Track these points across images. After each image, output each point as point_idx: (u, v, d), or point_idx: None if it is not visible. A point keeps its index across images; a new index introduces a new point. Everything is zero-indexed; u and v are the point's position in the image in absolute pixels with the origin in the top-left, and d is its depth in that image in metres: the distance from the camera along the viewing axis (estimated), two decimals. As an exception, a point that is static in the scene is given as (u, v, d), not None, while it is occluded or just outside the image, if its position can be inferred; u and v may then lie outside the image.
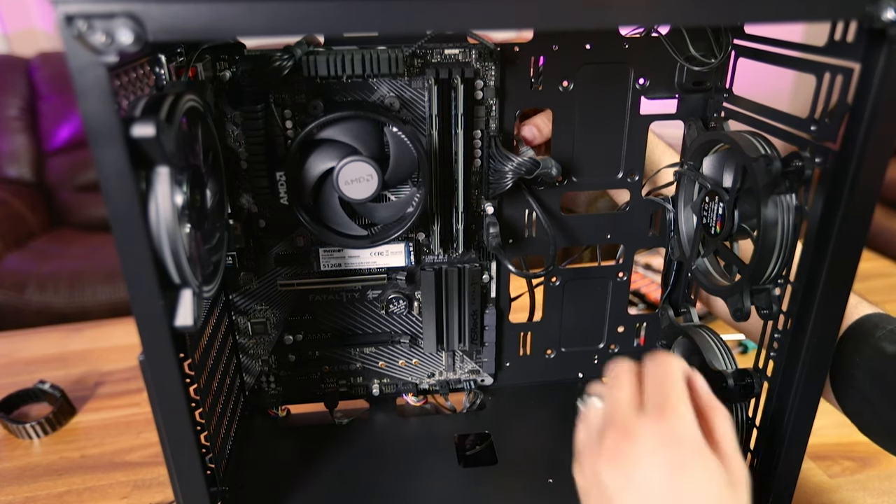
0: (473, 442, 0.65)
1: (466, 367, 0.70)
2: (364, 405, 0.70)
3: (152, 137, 0.34)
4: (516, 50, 0.55)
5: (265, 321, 0.64)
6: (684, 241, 0.58)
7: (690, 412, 0.37)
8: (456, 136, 0.55)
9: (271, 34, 0.33)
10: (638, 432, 0.36)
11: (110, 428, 0.81)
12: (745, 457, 0.53)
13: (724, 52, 0.54)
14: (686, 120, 0.58)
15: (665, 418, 0.36)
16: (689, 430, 0.36)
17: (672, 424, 0.36)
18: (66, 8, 0.30)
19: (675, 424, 0.36)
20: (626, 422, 0.37)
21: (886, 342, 0.48)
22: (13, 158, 2.16)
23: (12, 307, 1.73)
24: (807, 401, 0.46)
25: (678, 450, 0.35)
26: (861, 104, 0.38)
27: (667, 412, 0.37)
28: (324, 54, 0.52)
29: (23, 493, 0.71)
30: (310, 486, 0.58)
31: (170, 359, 0.39)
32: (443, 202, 0.58)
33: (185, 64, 0.50)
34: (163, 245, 0.37)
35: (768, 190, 0.43)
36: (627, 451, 0.36)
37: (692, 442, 0.36)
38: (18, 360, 0.97)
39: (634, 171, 0.61)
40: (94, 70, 0.31)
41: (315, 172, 0.54)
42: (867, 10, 0.35)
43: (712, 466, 0.35)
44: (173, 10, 0.31)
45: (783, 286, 0.47)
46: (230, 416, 0.61)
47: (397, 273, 0.64)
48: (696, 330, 0.59)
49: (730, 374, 0.52)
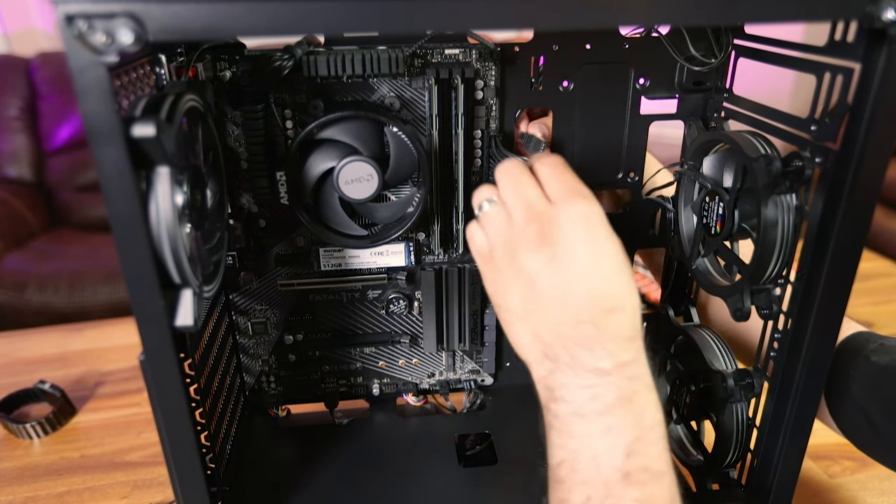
0: (473, 442, 0.65)
1: (466, 367, 0.70)
2: (364, 405, 0.70)
3: (152, 137, 0.34)
4: (516, 50, 0.55)
5: (265, 321, 0.64)
6: (684, 241, 0.58)
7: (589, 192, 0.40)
8: (456, 135, 0.55)
9: (271, 34, 0.33)
10: (558, 216, 0.39)
11: (110, 428, 0.82)
12: (745, 457, 0.53)
13: (724, 52, 0.54)
14: (686, 120, 0.58)
15: (577, 201, 0.39)
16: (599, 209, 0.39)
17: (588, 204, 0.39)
18: (67, 8, 0.30)
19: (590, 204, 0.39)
20: (544, 210, 0.40)
21: (878, 355, 0.48)
22: (13, 158, 2.16)
23: (12, 307, 1.73)
24: (807, 401, 0.46)
25: (596, 226, 0.39)
26: (861, 104, 0.38)
27: (578, 195, 0.39)
28: (324, 54, 0.52)
29: (23, 493, 0.71)
30: (310, 486, 0.58)
31: (170, 359, 0.39)
32: (443, 202, 0.58)
33: (185, 64, 0.50)
34: (163, 245, 0.37)
35: (768, 190, 0.43)
36: (549, 233, 0.39)
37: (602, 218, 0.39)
38: (18, 360, 0.97)
39: (634, 171, 0.61)
40: (94, 70, 0.31)
41: (315, 172, 0.54)
42: (867, 10, 0.35)
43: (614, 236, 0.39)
44: (174, 10, 0.31)
45: (783, 286, 0.47)
46: (230, 416, 0.61)
47: (397, 273, 0.64)
48: (696, 330, 0.59)
49: (730, 374, 0.52)
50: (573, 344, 0.38)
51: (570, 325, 0.38)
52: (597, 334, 0.38)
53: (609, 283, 0.38)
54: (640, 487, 0.36)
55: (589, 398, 0.38)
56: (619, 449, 0.37)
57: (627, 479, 0.36)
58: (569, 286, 0.38)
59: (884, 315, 1.03)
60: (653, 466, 0.37)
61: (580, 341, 0.38)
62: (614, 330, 0.38)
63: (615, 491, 0.36)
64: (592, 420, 0.37)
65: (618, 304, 0.38)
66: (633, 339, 0.38)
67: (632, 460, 0.36)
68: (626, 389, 0.38)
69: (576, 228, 0.38)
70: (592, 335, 0.38)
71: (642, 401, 0.38)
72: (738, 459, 0.54)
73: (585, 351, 0.38)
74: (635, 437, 0.37)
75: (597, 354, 0.38)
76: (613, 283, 0.38)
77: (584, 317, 0.38)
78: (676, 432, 0.62)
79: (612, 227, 0.39)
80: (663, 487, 0.37)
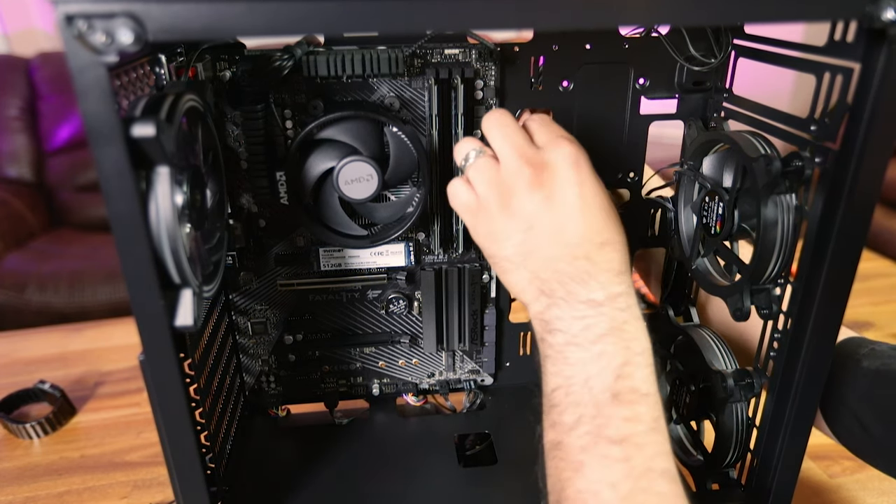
0: (473, 442, 0.65)
1: (466, 366, 0.70)
2: (364, 405, 0.70)
3: (152, 137, 0.34)
4: (516, 50, 0.55)
5: (265, 321, 0.64)
6: (684, 241, 0.58)
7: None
8: (456, 136, 0.55)
9: (271, 34, 0.33)
10: (548, 159, 0.41)
11: (110, 428, 0.82)
12: (745, 457, 0.53)
13: (724, 52, 0.54)
14: (686, 120, 0.58)
15: (566, 145, 0.41)
16: (584, 153, 0.42)
17: (574, 148, 0.41)
18: (67, 8, 0.30)
19: (577, 147, 0.41)
20: (534, 155, 0.42)
21: (869, 360, 0.49)
22: (13, 158, 2.16)
23: (12, 307, 1.73)
24: (807, 401, 0.46)
25: (583, 167, 0.41)
26: (861, 104, 0.38)
27: (564, 139, 0.42)
28: (324, 54, 0.52)
29: (23, 493, 0.71)
30: (310, 486, 0.58)
31: (170, 359, 0.39)
32: (443, 202, 0.58)
33: (185, 64, 0.50)
34: (163, 245, 0.37)
35: (768, 190, 0.43)
36: (542, 175, 0.41)
37: (587, 161, 0.42)
38: (18, 360, 0.97)
39: (634, 172, 0.61)
40: (94, 70, 0.31)
41: (315, 172, 0.54)
42: (867, 10, 0.35)
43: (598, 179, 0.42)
44: (173, 10, 0.31)
45: (783, 286, 0.47)
46: (230, 416, 0.61)
47: (397, 273, 0.64)
48: (696, 330, 0.59)
49: (730, 374, 0.52)
50: (569, 279, 0.41)
51: (567, 261, 0.41)
52: (591, 268, 0.40)
53: (599, 219, 0.41)
54: (628, 406, 0.39)
55: (583, 328, 0.40)
56: (610, 372, 0.39)
57: (616, 399, 0.39)
58: (565, 224, 0.41)
59: (884, 315, 1.03)
60: (640, 388, 0.39)
61: (575, 276, 0.41)
62: (606, 264, 0.40)
63: (605, 410, 0.39)
64: (586, 347, 0.40)
65: (608, 238, 0.41)
66: (623, 273, 0.41)
67: (620, 382, 0.39)
68: (618, 319, 0.40)
69: (567, 169, 0.41)
70: (587, 269, 0.40)
71: (632, 328, 0.40)
72: (738, 459, 0.54)
73: (580, 285, 0.40)
74: (624, 360, 0.39)
75: (590, 287, 0.40)
76: (603, 219, 0.41)
77: (580, 252, 0.40)
78: (676, 432, 0.62)
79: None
80: (649, 406, 0.39)
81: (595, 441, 0.38)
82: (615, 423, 0.38)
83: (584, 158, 0.42)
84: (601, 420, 0.38)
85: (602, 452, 0.38)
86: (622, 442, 0.38)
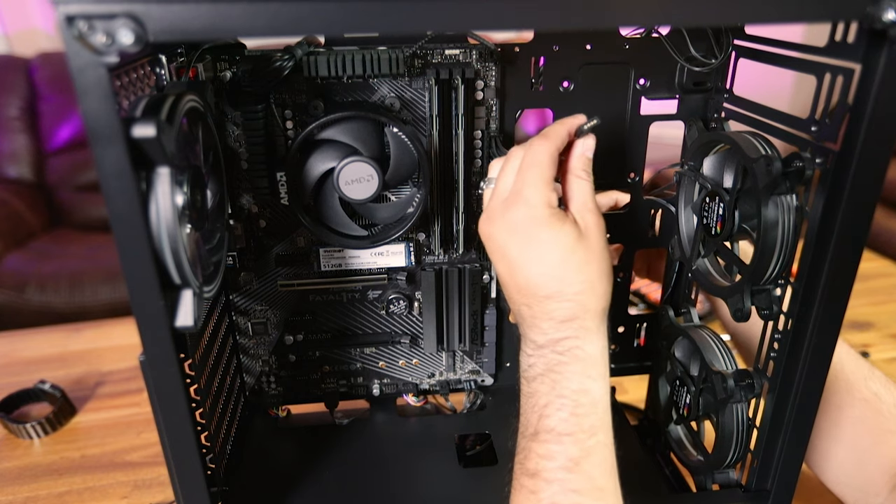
0: (473, 442, 0.65)
1: (467, 367, 0.70)
2: (364, 405, 0.70)
3: (153, 138, 0.34)
4: (517, 50, 0.55)
5: (265, 321, 0.64)
6: (685, 241, 0.58)
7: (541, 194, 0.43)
8: (456, 136, 0.55)
9: (272, 35, 0.33)
10: (497, 219, 0.45)
11: (110, 428, 0.82)
12: (745, 457, 0.53)
13: (724, 53, 0.54)
14: (686, 120, 0.58)
15: (518, 206, 0.43)
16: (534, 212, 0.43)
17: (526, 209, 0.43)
18: (67, 8, 0.30)
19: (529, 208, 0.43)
20: (493, 208, 0.45)
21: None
22: (13, 158, 2.16)
23: (12, 307, 1.73)
24: (807, 401, 0.46)
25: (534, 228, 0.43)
26: (861, 105, 0.38)
27: (517, 200, 0.43)
28: (324, 55, 0.52)
29: (23, 493, 0.71)
30: (310, 486, 0.58)
31: (170, 359, 0.39)
32: (443, 202, 0.58)
33: (185, 64, 0.50)
34: (163, 245, 0.37)
35: (768, 190, 0.43)
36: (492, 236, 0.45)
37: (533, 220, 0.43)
38: (18, 360, 0.97)
39: (635, 172, 0.61)
40: (94, 70, 0.31)
41: (315, 173, 0.54)
42: (868, 10, 0.35)
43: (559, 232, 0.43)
44: (174, 10, 0.31)
45: (783, 286, 0.47)
46: (230, 416, 0.61)
47: (397, 273, 0.64)
48: (696, 330, 0.59)
49: (730, 374, 0.52)
50: (521, 319, 0.45)
51: (515, 305, 0.45)
52: (532, 314, 0.44)
53: (543, 276, 0.43)
54: (543, 444, 0.42)
55: (527, 366, 0.45)
56: (536, 411, 0.44)
57: (535, 436, 0.43)
58: (508, 275, 0.45)
59: (884, 315, 1.03)
60: (556, 428, 0.42)
61: (523, 319, 0.45)
62: (548, 313, 0.43)
63: (527, 444, 0.44)
64: (528, 382, 0.45)
65: (551, 293, 0.43)
66: (567, 320, 0.43)
67: (542, 421, 0.43)
68: (553, 361, 0.43)
69: (506, 234, 0.44)
70: (529, 314, 0.44)
71: (567, 371, 0.43)
72: (738, 460, 0.54)
73: (527, 327, 0.45)
74: (547, 402, 0.43)
75: (534, 331, 0.44)
76: (548, 276, 0.43)
77: (521, 301, 0.44)
78: (676, 433, 0.62)
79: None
80: (563, 446, 0.42)
81: (520, 471, 0.44)
82: (533, 457, 0.43)
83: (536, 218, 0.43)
84: (525, 453, 0.44)
85: (521, 482, 0.43)
86: (534, 476, 0.42)
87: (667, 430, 0.63)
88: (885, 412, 0.53)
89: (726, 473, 0.55)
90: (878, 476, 0.52)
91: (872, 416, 0.53)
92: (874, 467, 0.52)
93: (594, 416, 0.43)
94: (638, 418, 0.73)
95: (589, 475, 0.42)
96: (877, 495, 0.52)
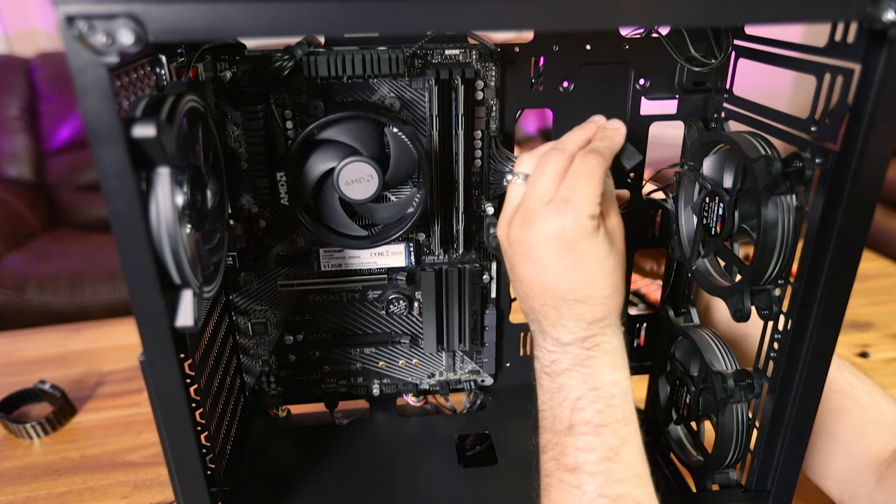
0: (473, 442, 0.65)
1: (467, 367, 0.70)
2: (364, 405, 0.70)
3: (153, 138, 0.34)
4: (517, 50, 0.55)
5: (265, 321, 0.64)
6: (684, 241, 0.58)
7: (590, 206, 0.42)
8: (456, 136, 0.55)
9: (272, 35, 0.33)
10: (537, 222, 0.43)
11: (110, 428, 0.82)
12: (746, 457, 0.53)
13: (724, 53, 0.54)
14: (686, 120, 0.58)
15: (566, 214, 0.42)
16: (583, 223, 0.42)
17: (573, 219, 0.42)
18: (67, 8, 0.30)
19: (576, 219, 0.42)
20: (532, 210, 0.44)
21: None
22: (13, 158, 2.16)
23: (12, 307, 1.73)
24: (807, 401, 0.46)
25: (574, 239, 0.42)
26: (861, 105, 0.38)
27: (565, 209, 0.42)
28: (324, 55, 0.52)
29: (23, 493, 0.71)
30: (310, 486, 0.58)
31: (170, 359, 0.39)
32: (443, 202, 0.58)
33: (185, 64, 0.50)
34: (163, 245, 0.37)
35: (768, 190, 0.43)
36: (525, 237, 0.44)
37: (581, 231, 0.42)
38: (18, 360, 0.97)
39: (634, 172, 0.61)
40: (94, 70, 0.31)
41: (315, 173, 0.54)
42: (867, 11, 0.35)
43: (599, 242, 0.43)
44: (174, 10, 0.31)
45: (783, 286, 0.47)
46: (230, 416, 0.61)
47: (397, 273, 0.64)
48: (696, 330, 0.59)
49: (730, 374, 0.52)
50: (542, 318, 0.45)
51: (539, 305, 0.45)
52: (558, 315, 0.44)
53: (577, 282, 0.43)
54: (581, 437, 0.43)
55: (551, 361, 0.45)
56: (567, 405, 0.43)
57: (571, 430, 0.43)
58: (535, 278, 0.44)
59: (884, 315, 1.03)
60: (593, 420, 0.43)
61: (546, 318, 0.45)
62: (576, 315, 0.44)
63: (561, 440, 0.43)
64: (553, 378, 0.44)
65: (582, 298, 0.43)
66: (596, 321, 0.44)
67: (576, 414, 0.43)
68: (580, 356, 0.44)
69: (546, 241, 0.43)
70: (555, 315, 0.44)
71: (595, 364, 0.44)
72: (738, 460, 0.54)
73: (548, 325, 0.45)
74: (580, 395, 0.43)
75: (558, 330, 0.44)
76: (582, 283, 0.43)
77: (549, 302, 0.44)
78: (676, 433, 0.62)
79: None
80: (603, 437, 0.42)
81: (556, 467, 0.43)
82: (570, 451, 0.43)
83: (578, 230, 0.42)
84: (560, 448, 0.43)
85: (560, 478, 0.43)
86: (575, 470, 0.42)
87: (667, 430, 0.63)
88: (865, 402, 0.54)
89: (726, 473, 0.55)
90: (864, 467, 0.52)
91: (853, 407, 0.54)
92: (859, 459, 0.53)
93: (626, 405, 0.44)
94: (638, 418, 0.73)
95: (628, 462, 0.42)
96: (863, 486, 0.52)
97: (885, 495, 0.51)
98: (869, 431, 0.53)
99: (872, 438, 0.53)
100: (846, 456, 0.54)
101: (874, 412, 0.54)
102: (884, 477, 0.51)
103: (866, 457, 0.52)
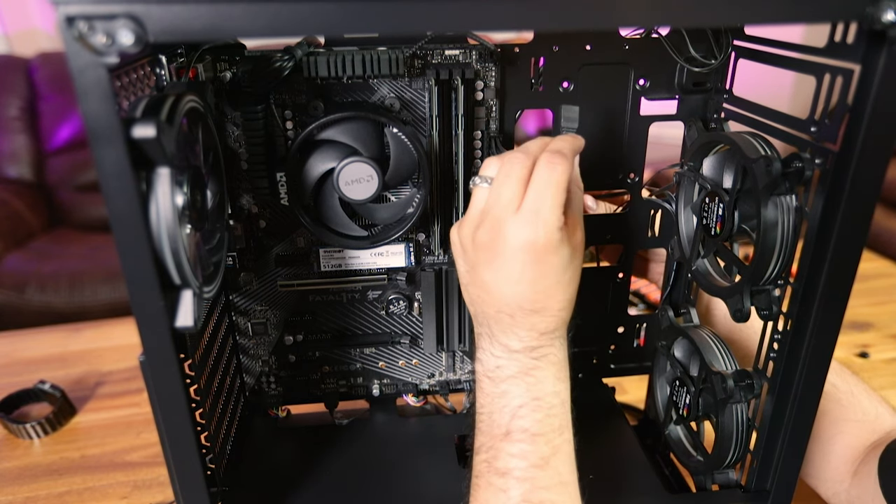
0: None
1: (466, 367, 0.70)
2: (364, 405, 0.70)
3: (153, 138, 0.34)
4: (516, 51, 0.55)
5: (265, 321, 0.64)
6: (684, 241, 0.58)
7: (558, 219, 0.42)
8: (456, 136, 0.55)
9: (272, 35, 0.33)
10: (508, 234, 0.42)
11: (110, 428, 0.82)
12: (745, 457, 0.53)
13: (724, 54, 0.54)
14: (686, 121, 0.58)
15: (529, 226, 0.42)
16: (550, 236, 0.42)
17: (534, 232, 0.42)
18: (67, 9, 0.30)
19: (546, 232, 0.42)
20: (500, 218, 0.42)
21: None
22: (13, 158, 2.16)
23: (12, 307, 1.73)
24: (806, 401, 0.46)
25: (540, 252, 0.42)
26: (861, 105, 0.38)
27: (534, 221, 0.42)
28: (324, 55, 0.52)
29: (23, 493, 0.71)
30: (310, 486, 0.58)
31: (170, 359, 0.39)
32: (443, 203, 0.58)
33: (185, 64, 0.50)
34: (163, 245, 0.37)
35: (768, 191, 0.43)
36: (496, 243, 0.43)
37: (548, 244, 0.42)
38: (18, 360, 0.97)
39: (634, 172, 0.61)
40: (94, 71, 0.31)
41: (315, 173, 0.54)
42: (867, 11, 0.35)
43: (561, 255, 0.43)
44: (174, 11, 0.31)
45: (783, 287, 0.47)
46: (230, 417, 0.61)
47: (397, 274, 0.64)
48: (695, 330, 0.59)
49: (730, 374, 0.52)
50: (494, 323, 0.45)
51: (492, 312, 0.45)
52: (512, 323, 0.44)
53: (538, 293, 0.43)
54: (515, 444, 0.43)
55: (495, 366, 0.45)
56: (508, 411, 0.44)
57: (508, 436, 0.44)
58: (494, 286, 0.44)
59: (884, 315, 1.03)
60: (530, 428, 0.43)
61: (498, 323, 0.45)
62: (530, 325, 0.44)
63: (497, 444, 0.44)
64: (496, 383, 0.45)
65: (539, 309, 0.43)
66: (548, 332, 0.44)
67: (515, 421, 0.44)
68: (528, 365, 0.44)
69: (516, 251, 0.42)
70: (508, 322, 0.44)
71: (540, 375, 0.44)
72: (737, 460, 0.54)
73: (499, 331, 0.45)
74: (522, 403, 0.44)
75: (509, 337, 0.44)
76: (542, 294, 0.43)
77: (505, 310, 0.44)
78: (676, 433, 0.62)
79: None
80: (535, 446, 0.43)
81: (488, 469, 0.44)
82: (503, 456, 0.44)
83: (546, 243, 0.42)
84: (494, 452, 0.44)
85: (489, 480, 0.44)
86: (505, 475, 0.43)
87: (666, 431, 0.63)
88: (844, 401, 0.55)
89: (726, 474, 0.55)
90: (840, 464, 0.54)
91: (833, 408, 0.55)
92: (836, 456, 0.54)
93: (564, 416, 0.45)
94: (638, 418, 0.73)
95: (556, 471, 0.44)
96: (841, 482, 0.53)
97: (857, 489, 0.52)
98: (849, 431, 0.54)
99: (852, 437, 0.54)
100: (826, 455, 0.55)
101: (855, 412, 0.55)
102: (857, 471, 0.52)
103: (844, 455, 0.53)
